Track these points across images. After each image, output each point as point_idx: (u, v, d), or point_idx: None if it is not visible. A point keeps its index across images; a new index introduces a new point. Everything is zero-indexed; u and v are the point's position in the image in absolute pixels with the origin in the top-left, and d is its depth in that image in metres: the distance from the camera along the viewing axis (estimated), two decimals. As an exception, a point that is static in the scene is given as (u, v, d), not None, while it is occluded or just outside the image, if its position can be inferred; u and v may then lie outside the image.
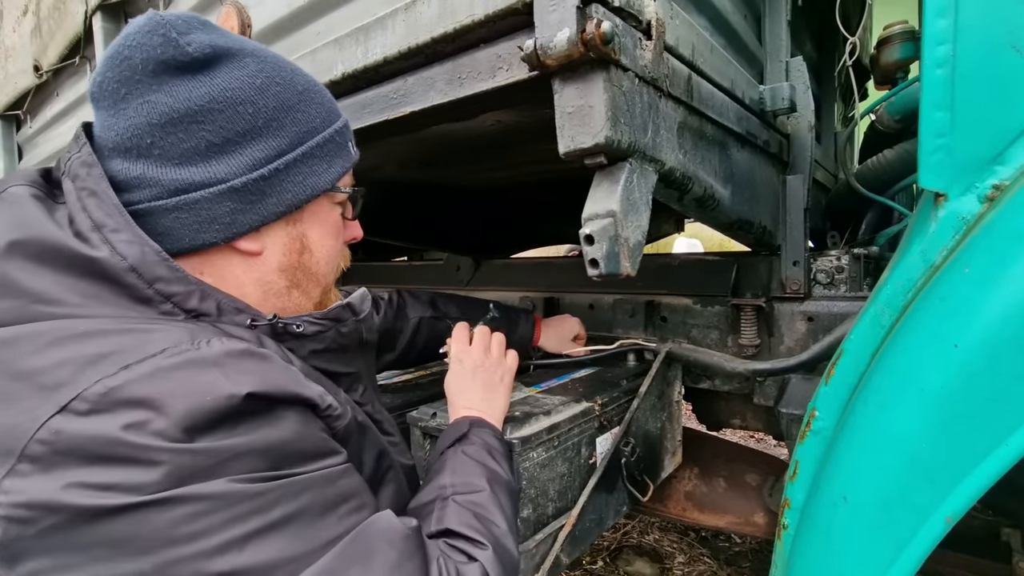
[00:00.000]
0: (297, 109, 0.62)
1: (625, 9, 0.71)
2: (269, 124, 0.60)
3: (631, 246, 0.74)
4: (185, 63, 0.56)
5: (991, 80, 0.60)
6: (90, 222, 0.54)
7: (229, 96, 0.57)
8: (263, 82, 0.60)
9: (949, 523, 0.57)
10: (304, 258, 0.67)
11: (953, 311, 0.59)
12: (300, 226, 0.66)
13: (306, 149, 0.63)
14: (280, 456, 0.49)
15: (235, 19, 1.22)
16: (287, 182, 0.62)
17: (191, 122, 0.56)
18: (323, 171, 0.65)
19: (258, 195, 0.60)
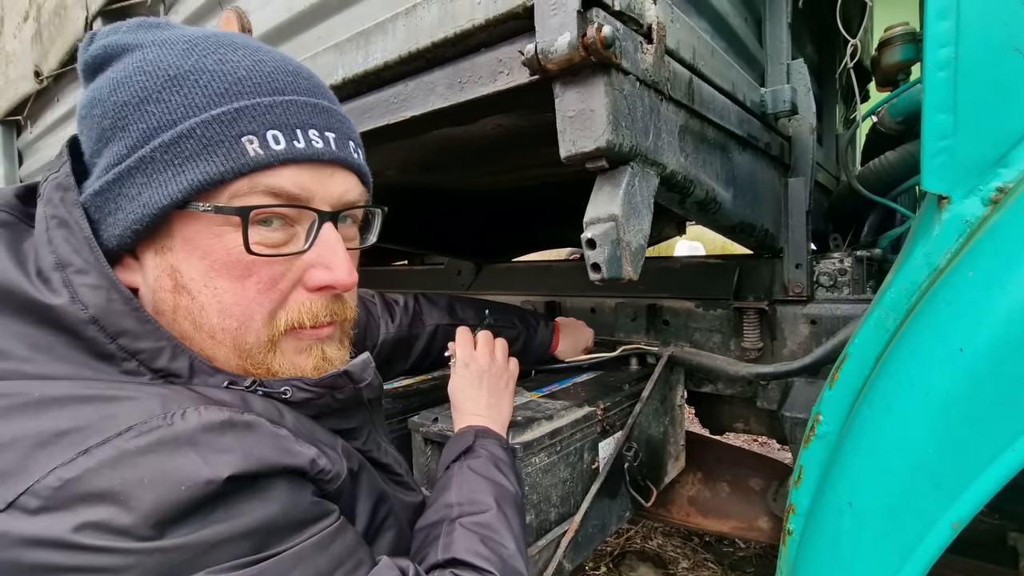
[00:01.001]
0: (152, 101, 0.49)
1: (626, 13, 0.71)
2: (115, 124, 0.49)
3: (633, 250, 0.74)
4: (85, 69, 0.53)
5: (994, 82, 0.60)
6: (54, 259, 0.47)
7: (91, 98, 0.51)
8: (125, 75, 0.50)
9: (955, 529, 0.56)
10: (181, 300, 0.51)
11: (958, 314, 0.58)
12: (171, 256, 0.51)
13: (147, 151, 0.48)
14: (266, 534, 0.44)
15: (235, 24, 1.22)
16: (122, 196, 0.49)
17: (80, 131, 0.53)
18: (169, 179, 0.48)
19: (101, 213, 0.50)
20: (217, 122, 0.49)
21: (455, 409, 0.93)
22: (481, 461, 0.78)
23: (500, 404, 0.93)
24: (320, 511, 0.50)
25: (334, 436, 0.60)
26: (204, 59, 0.50)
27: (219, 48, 0.51)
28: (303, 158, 0.52)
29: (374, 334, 1.11)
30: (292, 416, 0.54)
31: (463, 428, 0.86)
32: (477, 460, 0.78)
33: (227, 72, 0.50)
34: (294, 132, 0.51)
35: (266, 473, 0.45)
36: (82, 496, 0.37)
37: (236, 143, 0.49)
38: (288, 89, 0.53)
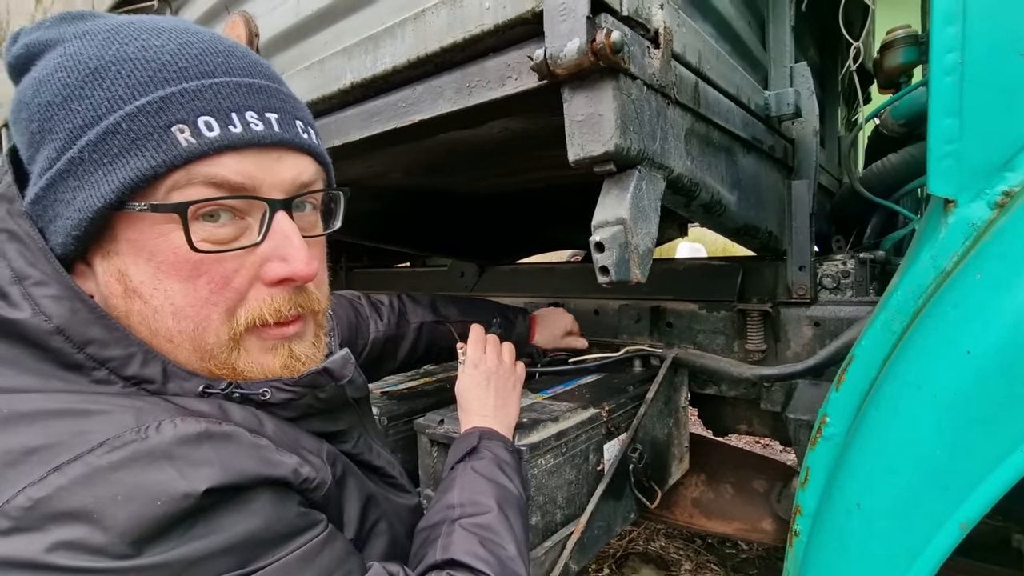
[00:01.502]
0: (75, 98, 0.45)
1: (633, 18, 0.72)
2: (42, 127, 0.46)
3: (641, 253, 0.74)
4: (11, 73, 0.50)
5: (1000, 87, 0.60)
6: (10, 273, 0.45)
7: (17, 101, 0.48)
8: (46, 74, 0.46)
9: (964, 530, 0.56)
10: (133, 305, 0.49)
11: (965, 317, 0.59)
12: (118, 260, 0.48)
13: (75, 152, 0.45)
14: (250, 548, 0.42)
15: (242, 28, 1.22)
16: (58, 202, 0.47)
17: (14, 138, 0.50)
18: (100, 179, 0.45)
19: (43, 220, 0.48)
20: (142, 113, 0.45)
21: (462, 409, 0.94)
22: (485, 463, 0.77)
23: (507, 406, 0.93)
24: (306, 522, 0.48)
25: (319, 441, 0.58)
26: (125, 47, 0.46)
27: (142, 34, 0.47)
28: (242, 143, 0.48)
29: (364, 334, 1.13)
30: (273, 423, 0.52)
31: (469, 429, 0.87)
32: (481, 462, 0.78)
33: (150, 59, 0.46)
34: (228, 116, 0.47)
35: (247, 485, 0.43)
36: (53, 515, 0.36)
37: (165, 133, 0.45)
38: (219, 71, 0.49)
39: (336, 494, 0.57)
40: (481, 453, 0.79)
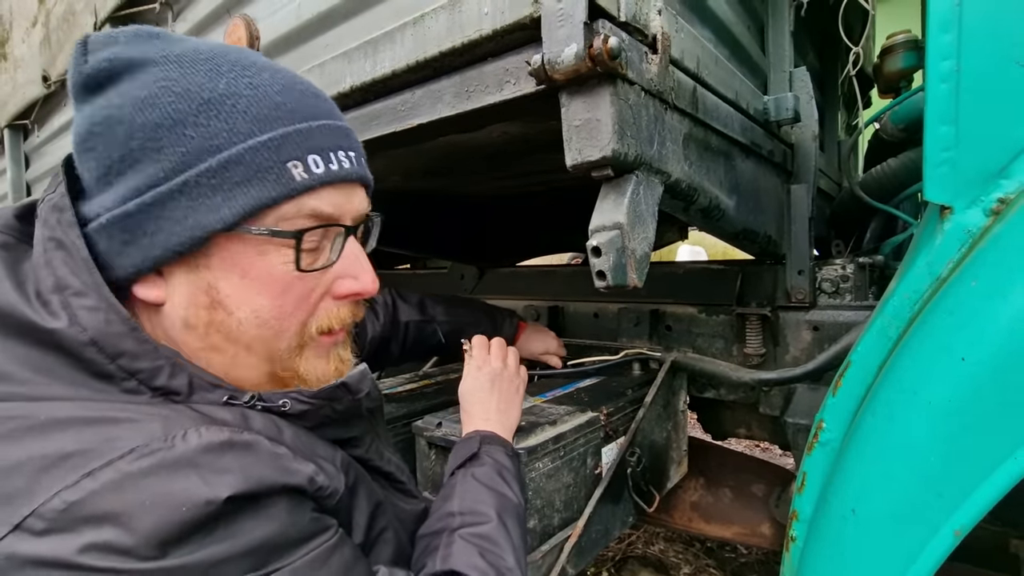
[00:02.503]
0: (188, 124, 0.49)
1: (631, 24, 0.72)
2: (144, 146, 0.49)
3: (638, 257, 0.75)
4: (86, 84, 0.51)
5: (995, 95, 0.60)
6: (53, 281, 0.48)
7: (108, 116, 0.49)
8: (150, 94, 0.49)
9: (958, 536, 0.57)
10: (217, 316, 0.53)
11: (960, 324, 0.59)
12: (207, 274, 0.52)
13: (192, 175, 0.49)
14: (267, 552, 0.45)
15: (243, 31, 1.23)
16: (162, 218, 0.49)
17: (85, 149, 0.51)
18: (219, 203, 0.50)
19: (130, 233, 0.50)
20: (264, 148, 0.51)
21: (464, 411, 0.94)
22: (485, 470, 0.78)
23: (509, 409, 0.94)
24: (318, 527, 0.50)
25: (334, 448, 0.60)
26: (235, 83, 0.51)
27: (244, 70, 0.52)
28: (337, 179, 0.55)
29: (364, 333, 1.15)
30: (291, 431, 0.54)
31: (470, 433, 0.87)
32: (481, 468, 0.78)
33: (261, 97, 0.52)
34: (329, 156, 0.54)
35: (266, 492, 0.45)
36: (86, 518, 0.38)
37: (284, 169, 0.51)
38: (319, 114, 0.56)
39: (347, 501, 0.59)
40: (482, 459, 0.80)
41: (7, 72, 2.51)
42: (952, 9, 0.60)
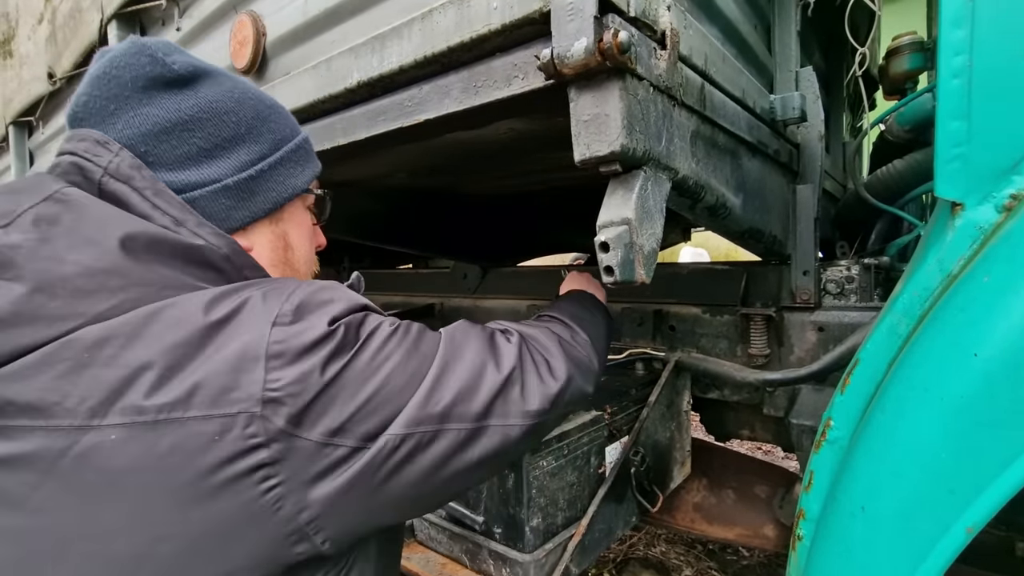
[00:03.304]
0: (270, 119, 0.70)
1: (641, 19, 0.72)
2: (250, 131, 0.67)
3: (646, 253, 0.74)
4: (171, 79, 0.62)
5: (1008, 90, 0.60)
6: (170, 218, 0.59)
7: (214, 107, 0.64)
8: (240, 95, 0.67)
9: (970, 534, 0.56)
10: (289, 255, 0.74)
11: (972, 320, 0.59)
12: (282, 224, 0.73)
13: (283, 154, 0.70)
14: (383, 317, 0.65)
15: (250, 28, 1.23)
16: (271, 182, 0.69)
17: (183, 130, 0.62)
18: (298, 174, 0.73)
19: (248, 193, 0.66)
20: (306, 139, 0.76)
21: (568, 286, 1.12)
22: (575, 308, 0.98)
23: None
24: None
25: None
26: (270, 96, 0.73)
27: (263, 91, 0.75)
28: None
29: None
30: None
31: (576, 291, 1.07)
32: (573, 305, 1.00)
33: (285, 109, 0.75)
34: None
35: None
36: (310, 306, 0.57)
37: (314, 156, 0.78)
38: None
39: None
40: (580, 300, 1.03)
41: (12, 69, 2.52)
42: (965, 4, 0.60)
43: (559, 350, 0.79)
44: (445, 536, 1.09)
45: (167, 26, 1.55)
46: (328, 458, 0.53)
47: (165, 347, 0.50)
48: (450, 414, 0.61)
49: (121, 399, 0.48)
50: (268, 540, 0.51)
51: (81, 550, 0.46)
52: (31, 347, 0.48)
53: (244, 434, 0.49)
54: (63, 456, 0.46)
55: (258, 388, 0.50)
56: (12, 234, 0.51)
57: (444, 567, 1.07)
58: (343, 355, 0.56)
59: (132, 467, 0.47)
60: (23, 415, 0.46)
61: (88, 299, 0.50)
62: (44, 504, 0.46)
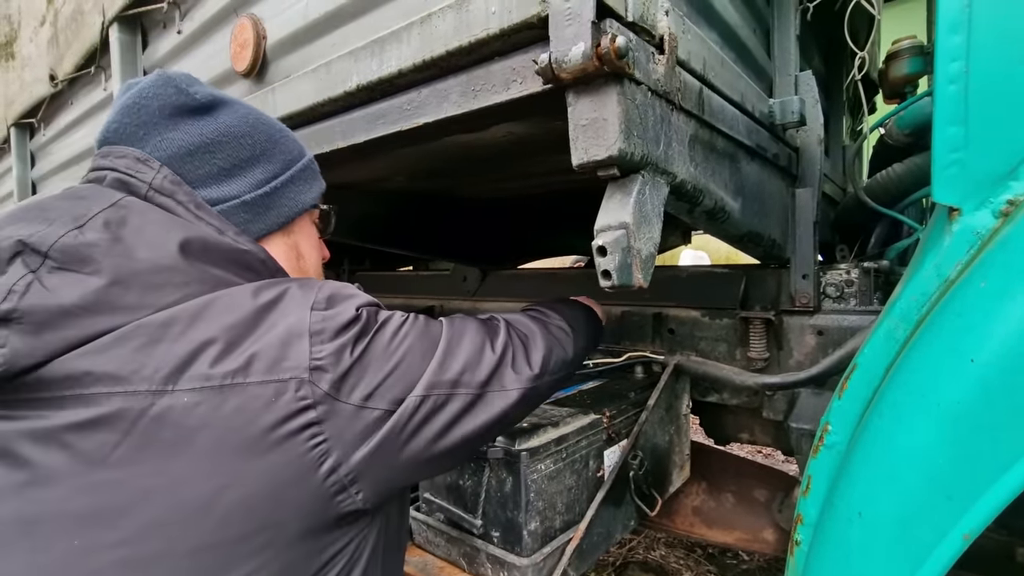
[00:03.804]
0: (280, 142, 0.78)
1: (639, 24, 0.72)
2: (264, 152, 0.75)
3: (643, 257, 0.74)
4: (194, 107, 0.69)
5: (1005, 96, 0.60)
6: (213, 228, 0.66)
7: (232, 131, 0.71)
8: (254, 121, 0.75)
9: (967, 540, 0.56)
10: (301, 263, 0.81)
11: (969, 326, 0.58)
12: (293, 236, 0.80)
13: (293, 172, 0.78)
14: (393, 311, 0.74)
15: (250, 31, 1.23)
16: (284, 197, 0.76)
17: (205, 152, 0.69)
18: (307, 190, 0.80)
19: (264, 208, 0.74)
20: (312, 160, 0.84)
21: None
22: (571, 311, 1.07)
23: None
24: None
25: None
26: (278, 122, 0.81)
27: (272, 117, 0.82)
28: None
29: None
30: None
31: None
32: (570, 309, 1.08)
33: (292, 132, 0.82)
34: None
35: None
36: (339, 297, 0.66)
37: (319, 175, 0.85)
38: None
39: None
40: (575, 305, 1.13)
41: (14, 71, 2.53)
42: (962, 11, 0.60)
43: (538, 327, 0.91)
44: (443, 539, 1.09)
45: (168, 29, 1.56)
46: (364, 420, 0.61)
47: (224, 326, 0.58)
48: (459, 381, 0.71)
49: (190, 368, 0.55)
50: (314, 491, 0.58)
51: (158, 499, 0.52)
52: (107, 331, 0.55)
53: (296, 396, 0.57)
54: (142, 416, 0.53)
55: (305, 358, 0.59)
56: (88, 234, 0.57)
57: (442, 570, 1.07)
58: (368, 334, 0.65)
59: (202, 424, 0.54)
60: (101, 383, 0.53)
61: (157, 292, 0.58)
62: (123, 459, 0.52)
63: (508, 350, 0.80)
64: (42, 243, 0.54)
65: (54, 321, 0.53)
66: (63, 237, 0.55)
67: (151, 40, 1.68)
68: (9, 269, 0.53)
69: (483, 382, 0.74)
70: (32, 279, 0.53)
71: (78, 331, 0.54)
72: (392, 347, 0.67)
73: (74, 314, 0.54)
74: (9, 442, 0.52)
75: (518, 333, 0.86)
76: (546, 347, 0.88)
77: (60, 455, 0.51)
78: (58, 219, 0.57)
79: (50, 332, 0.53)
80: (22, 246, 0.54)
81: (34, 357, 0.52)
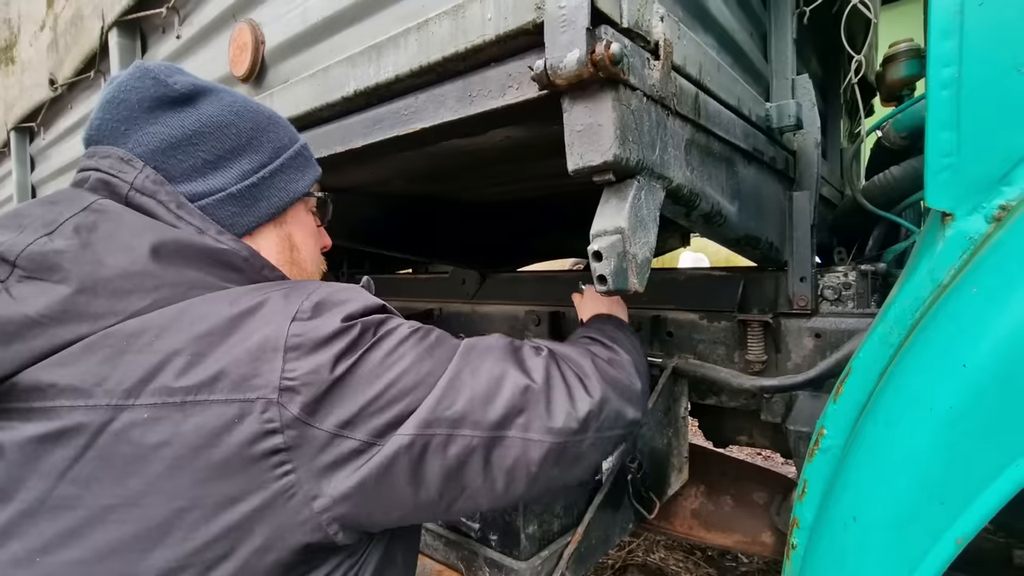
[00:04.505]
0: (268, 130, 0.74)
1: (634, 30, 0.72)
2: (250, 142, 0.71)
3: (639, 262, 0.75)
4: (174, 98, 0.67)
5: (997, 102, 0.60)
6: (193, 228, 0.64)
7: (215, 121, 0.68)
8: (239, 109, 0.71)
9: (959, 545, 0.56)
10: (295, 255, 0.78)
11: (961, 330, 0.59)
12: (286, 227, 0.77)
13: (283, 160, 0.75)
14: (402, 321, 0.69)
15: (248, 36, 1.24)
16: (272, 188, 0.73)
17: (188, 145, 0.66)
18: (299, 179, 0.77)
19: (252, 199, 0.71)
20: (304, 146, 0.80)
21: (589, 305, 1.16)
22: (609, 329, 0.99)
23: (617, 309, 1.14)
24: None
25: None
26: (268, 108, 0.77)
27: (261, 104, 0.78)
28: None
29: None
30: None
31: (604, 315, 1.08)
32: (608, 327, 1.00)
33: (283, 119, 0.79)
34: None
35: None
36: (327, 304, 0.61)
37: (313, 161, 0.82)
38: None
39: None
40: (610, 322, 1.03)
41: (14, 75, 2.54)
42: (953, 17, 0.60)
43: (593, 368, 0.76)
44: (441, 543, 1.09)
45: (167, 34, 1.56)
46: (339, 449, 0.56)
47: (194, 336, 0.55)
48: (463, 420, 0.61)
49: (153, 381, 0.52)
50: (283, 523, 0.54)
51: (114, 516, 0.50)
52: (75, 341, 0.53)
53: (261, 419, 0.53)
54: (102, 431, 0.51)
55: (276, 376, 0.54)
56: (56, 240, 0.55)
57: (440, 574, 1.08)
58: (355, 351, 0.59)
59: (162, 442, 0.51)
60: (64, 396, 0.51)
61: (126, 298, 0.56)
62: (82, 475, 0.50)
63: (542, 387, 0.67)
64: (10, 251, 0.53)
65: (21, 332, 0.51)
66: (31, 245, 0.54)
67: (150, 45, 1.68)
68: None
69: (496, 422, 0.62)
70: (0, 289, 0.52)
71: (45, 341, 0.52)
72: (384, 367, 0.59)
73: (41, 324, 0.52)
74: None
75: (564, 370, 0.72)
76: (600, 395, 0.72)
77: (23, 468, 0.50)
78: (29, 226, 0.56)
79: (18, 343, 0.51)
80: None
81: (3, 369, 0.51)
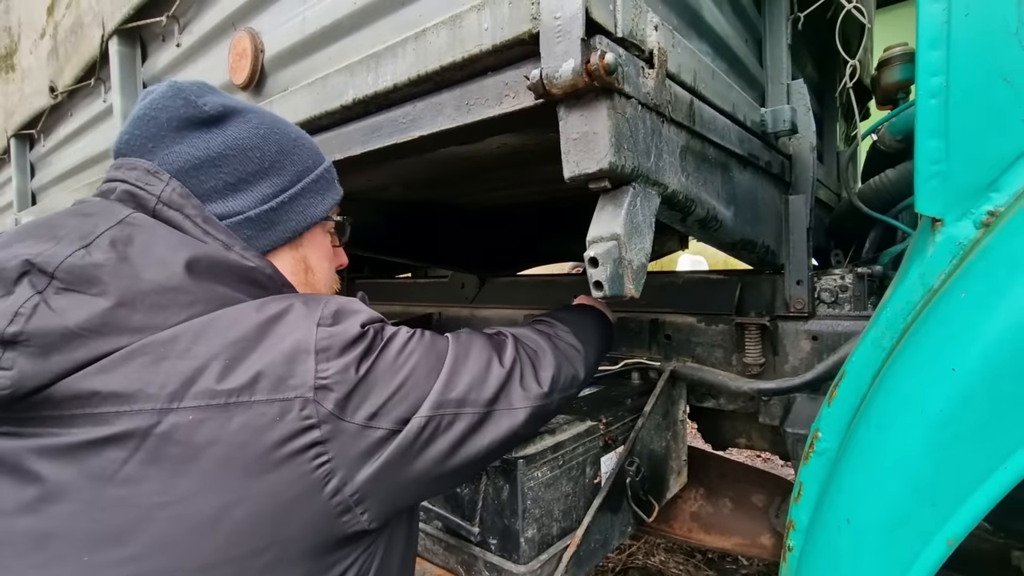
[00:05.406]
0: (293, 152, 0.75)
1: (628, 39, 0.74)
2: (273, 166, 0.73)
3: (635, 268, 0.75)
4: (203, 119, 0.68)
5: (984, 110, 0.61)
6: (220, 243, 0.66)
7: (240, 144, 0.70)
8: (265, 132, 0.73)
9: (950, 546, 0.57)
10: (309, 277, 0.80)
11: (951, 335, 0.60)
12: (302, 249, 0.79)
13: (304, 185, 0.76)
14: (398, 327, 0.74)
15: (248, 44, 1.25)
16: (291, 212, 0.75)
17: (211, 166, 0.68)
18: (318, 203, 0.78)
19: (269, 223, 0.72)
20: (327, 171, 0.82)
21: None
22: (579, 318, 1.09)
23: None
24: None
25: None
26: (295, 130, 0.79)
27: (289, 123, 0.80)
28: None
29: None
30: None
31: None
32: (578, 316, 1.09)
33: (309, 139, 0.81)
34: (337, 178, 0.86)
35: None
36: (345, 312, 0.66)
37: (335, 184, 0.83)
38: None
39: None
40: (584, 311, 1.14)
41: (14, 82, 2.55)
42: (941, 27, 0.61)
43: (547, 343, 0.90)
44: (440, 547, 1.10)
45: (167, 42, 1.58)
46: (368, 439, 0.61)
47: (228, 341, 0.58)
48: (465, 400, 0.71)
49: (195, 385, 0.55)
50: (319, 510, 0.58)
51: (166, 516, 0.52)
52: (114, 351, 0.55)
53: (300, 415, 0.57)
54: (149, 434, 0.53)
55: (311, 377, 0.59)
56: (95, 253, 0.57)
57: (440, 578, 1.08)
58: (373, 352, 0.65)
59: (209, 442, 0.54)
60: (108, 403, 0.53)
61: (163, 312, 0.58)
62: (131, 476, 0.52)
63: (516, 367, 0.80)
64: (49, 263, 0.54)
65: (61, 343, 0.53)
66: (70, 257, 0.55)
67: (150, 53, 1.69)
68: (16, 289, 0.53)
69: (490, 400, 0.73)
70: (39, 300, 0.53)
71: (85, 352, 0.54)
72: (397, 365, 0.67)
73: (81, 336, 0.54)
74: (20, 459, 0.52)
75: (526, 349, 0.85)
76: (556, 364, 0.86)
77: (70, 472, 0.52)
78: (65, 237, 0.57)
79: (58, 354, 0.53)
80: (29, 266, 0.54)
81: (42, 379, 0.52)
